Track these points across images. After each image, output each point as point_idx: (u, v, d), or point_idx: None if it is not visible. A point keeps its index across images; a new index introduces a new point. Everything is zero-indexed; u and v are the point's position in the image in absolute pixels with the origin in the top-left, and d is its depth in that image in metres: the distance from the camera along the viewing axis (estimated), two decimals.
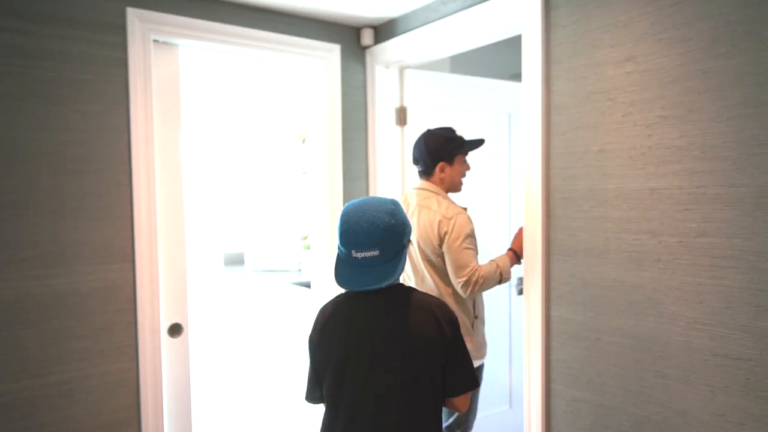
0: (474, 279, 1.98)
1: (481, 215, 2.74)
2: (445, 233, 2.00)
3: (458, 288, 2.01)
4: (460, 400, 1.39)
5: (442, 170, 2.12)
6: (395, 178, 2.65)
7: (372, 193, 2.64)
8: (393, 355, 1.31)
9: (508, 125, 2.96)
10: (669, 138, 1.51)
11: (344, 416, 1.32)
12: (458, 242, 1.99)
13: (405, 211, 1.70)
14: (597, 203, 1.69)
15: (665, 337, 1.54)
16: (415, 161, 2.18)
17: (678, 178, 1.50)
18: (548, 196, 1.84)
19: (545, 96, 1.83)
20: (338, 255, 1.36)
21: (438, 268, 2.07)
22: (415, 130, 2.64)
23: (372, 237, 1.29)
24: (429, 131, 2.18)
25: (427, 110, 2.68)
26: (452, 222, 2.01)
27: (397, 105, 2.65)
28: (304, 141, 3.80)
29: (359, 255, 1.30)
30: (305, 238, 3.84)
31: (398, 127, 2.66)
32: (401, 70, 2.64)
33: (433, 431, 1.33)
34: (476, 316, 2.13)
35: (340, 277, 1.33)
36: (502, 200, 2.94)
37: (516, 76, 3.16)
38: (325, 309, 1.44)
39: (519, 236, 2.11)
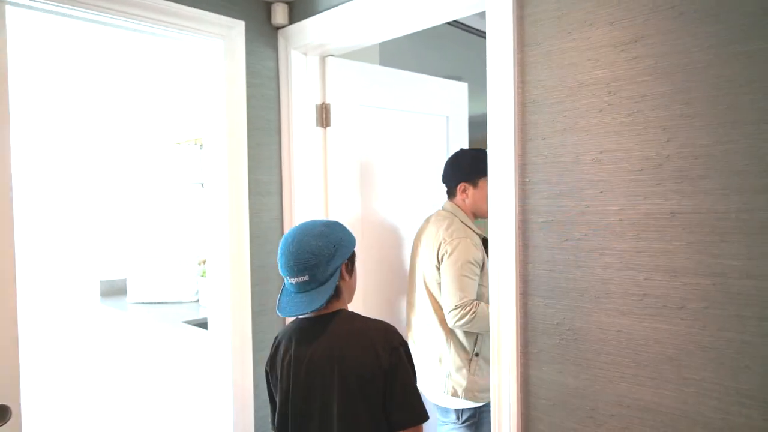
0: (466, 310, 1.80)
1: (417, 228, 2.32)
2: (443, 256, 1.87)
3: (446, 315, 1.84)
4: None
5: (464, 191, 2.02)
6: (317, 193, 2.13)
7: (287, 211, 2.10)
8: (329, 387, 1.26)
9: (446, 130, 2.54)
10: (696, 144, 1.12)
11: None
12: (456, 266, 1.83)
13: (416, 239, 1.98)
14: (593, 230, 1.28)
15: (693, 413, 1.14)
16: (442, 179, 2.11)
17: (711, 198, 1.11)
18: (524, 220, 1.40)
19: (518, 89, 1.40)
20: (283, 283, 1.36)
21: (430, 296, 1.93)
22: (341, 132, 2.13)
23: (299, 261, 1.28)
24: (461, 149, 2.10)
25: (354, 109, 2.18)
26: (453, 245, 1.86)
27: (318, 101, 2.13)
28: (201, 146, 3.16)
29: (293, 281, 1.30)
30: (203, 263, 3.19)
31: (320, 129, 2.14)
32: (323, 58, 2.13)
33: None
34: (477, 354, 1.89)
35: (278, 303, 1.34)
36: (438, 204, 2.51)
37: (452, 77, 2.78)
38: (276, 337, 1.44)
39: None
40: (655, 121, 1.18)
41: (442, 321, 1.89)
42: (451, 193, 2.08)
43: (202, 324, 2.62)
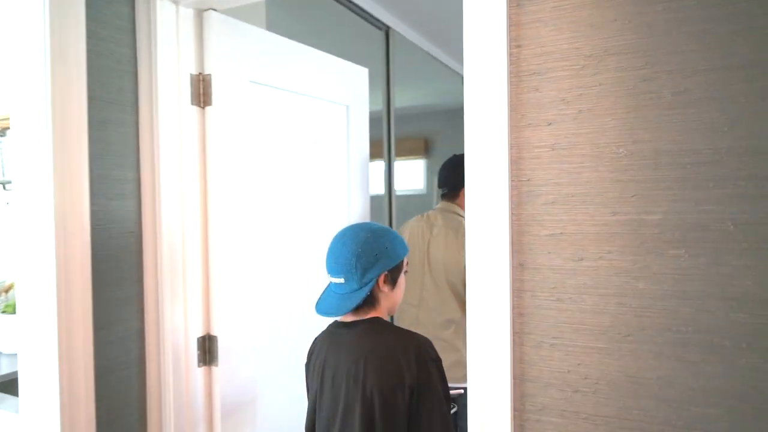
0: None
1: (315, 226, 1.89)
2: None
3: None
4: None
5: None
6: (191, 194, 1.55)
7: (149, 220, 1.48)
8: (352, 398, 1.21)
9: (346, 121, 2.12)
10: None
11: None
12: None
13: (426, 233, 2.06)
14: (619, 247, 0.96)
15: None
16: (440, 184, 2.15)
17: None
18: (520, 232, 1.05)
19: (513, 57, 1.04)
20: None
21: (457, 292, 2.01)
22: (225, 114, 1.59)
23: (338, 263, 1.27)
24: (460, 154, 1.88)
25: (242, 85, 1.65)
26: None
27: (194, 71, 1.56)
28: (3, 131, 2.30)
29: (332, 280, 1.29)
30: (8, 290, 2.32)
31: (196, 109, 1.57)
32: (200, 11, 1.57)
33: None
34: None
35: (317, 303, 1.31)
36: (339, 210, 2.08)
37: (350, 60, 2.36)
38: (315, 339, 1.39)
39: None
40: (708, 102, 0.90)
41: (463, 310, 1.92)
42: (454, 196, 2.11)
43: (4, 385, 1.83)
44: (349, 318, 1.29)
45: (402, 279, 1.35)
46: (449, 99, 4.09)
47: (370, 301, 1.28)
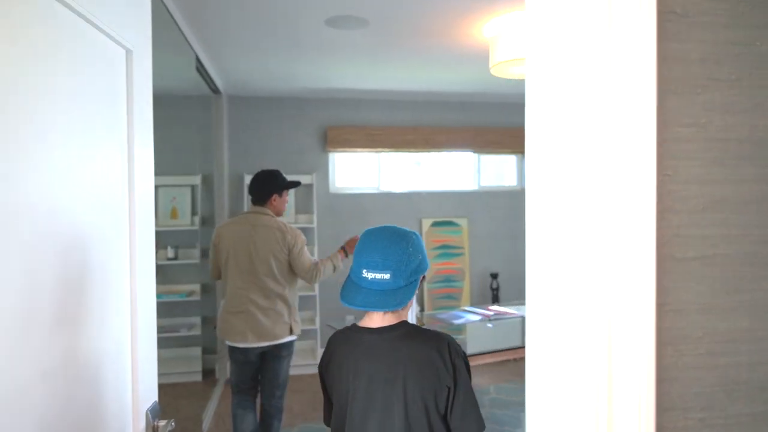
0: (316, 271, 2.72)
1: (88, 215, 1.10)
2: (293, 245, 2.68)
3: (306, 279, 2.73)
4: None
5: (274, 200, 2.75)
6: None
7: None
8: (391, 403, 1.24)
9: (126, 70, 1.30)
10: None
11: None
12: (303, 248, 2.72)
13: (250, 231, 2.66)
14: None
15: None
16: (251, 194, 2.80)
17: None
18: (664, 249, 0.67)
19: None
20: (348, 276, 1.32)
21: (279, 273, 2.67)
22: None
23: (387, 259, 1.25)
24: (265, 170, 2.82)
25: None
26: (296, 234, 2.71)
27: None
28: None
29: (369, 275, 1.26)
30: None
31: None
32: None
33: None
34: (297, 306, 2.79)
35: (346, 296, 1.28)
36: (117, 197, 1.26)
37: None
38: (332, 340, 1.40)
39: (353, 240, 2.89)
40: None
41: (289, 285, 2.72)
42: (263, 201, 2.73)
43: None
44: (375, 323, 1.30)
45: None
46: None
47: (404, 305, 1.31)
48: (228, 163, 4.64)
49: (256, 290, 2.62)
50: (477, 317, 3.49)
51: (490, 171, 5.26)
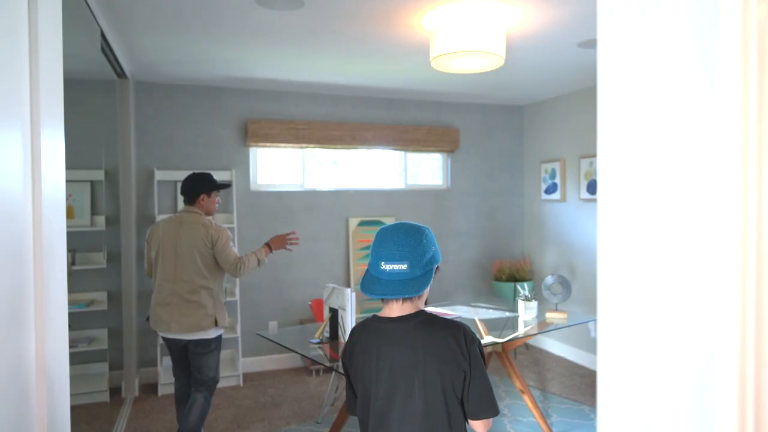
0: (241, 264, 2.87)
1: None
2: (216, 238, 2.84)
3: (231, 272, 2.88)
4: (479, 425, 1.39)
5: (202, 199, 2.95)
6: None
7: None
8: (412, 387, 1.35)
9: (29, 17, 1.02)
10: None
11: None
12: (226, 244, 2.86)
13: (177, 228, 2.84)
14: None
15: None
16: (183, 194, 2.97)
17: None
18: (759, 271, 0.55)
19: None
20: (367, 269, 1.41)
21: (203, 266, 2.84)
22: None
23: (402, 250, 1.35)
24: (197, 172, 3.00)
25: None
26: (219, 233, 2.87)
27: None
28: None
29: (387, 267, 1.35)
30: None
31: None
32: None
33: None
34: (224, 300, 2.98)
35: (366, 287, 1.37)
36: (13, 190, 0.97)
37: None
38: (354, 330, 1.49)
39: (278, 237, 3.07)
40: None
41: (214, 278, 2.90)
42: (192, 200, 2.95)
43: None
44: (395, 312, 1.39)
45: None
46: None
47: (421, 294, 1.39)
48: (135, 157, 4.18)
49: (181, 283, 2.80)
50: None
51: (416, 170, 5.20)
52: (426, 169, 5.26)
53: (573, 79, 4.31)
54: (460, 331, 1.37)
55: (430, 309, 3.65)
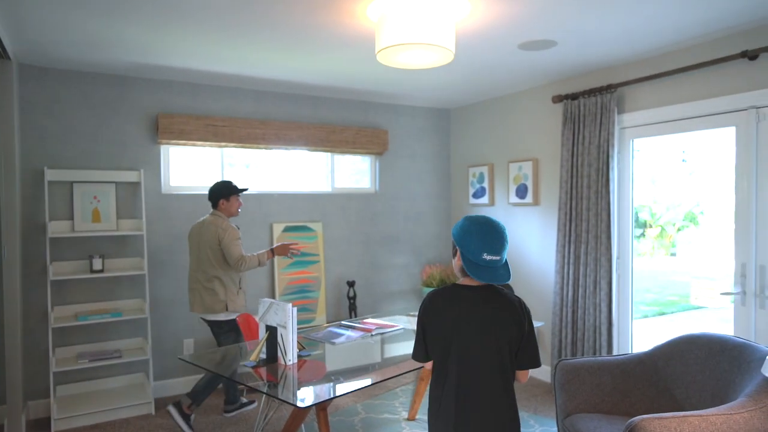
0: (242, 261, 3.40)
1: None
2: (221, 238, 3.40)
3: (234, 267, 3.43)
4: (523, 374, 1.79)
5: (222, 204, 3.54)
6: None
7: None
8: (489, 335, 1.70)
9: None
10: None
11: (452, 379, 1.72)
12: (231, 242, 3.40)
13: (199, 227, 3.52)
14: None
15: None
16: (208, 198, 3.58)
17: None
18: None
19: None
20: (466, 257, 1.71)
21: (214, 260, 3.44)
22: None
23: (502, 246, 1.72)
24: (217, 181, 3.61)
25: None
26: (226, 231, 3.42)
27: None
28: None
29: (488, 257, 1.69)
30: None
31: None
32: None
33: (510, 392, 1.73)
34: (240, 288, 3.56)
35: (474, 273, 1.70)
36: None
37: None
38: (434, 294, 1.81)
39: (282, 246, 3.62)
40: None
41: (224, 270, 3.47)
42: (214, 205, 3.56)
43: None
44: (468, 283, 1.77)
45: None
46: None
47: None
48: (20, 153, 3.56)
49: (200, 272, 3.47)
50: (357, 333, 3.10)
51: (344, 172, 4.94)
52: (353, 172, 5.02)
53: (506, 82, 4.26)
54: (519, 301, 1.76)
55: (369, 320, 3.42)
